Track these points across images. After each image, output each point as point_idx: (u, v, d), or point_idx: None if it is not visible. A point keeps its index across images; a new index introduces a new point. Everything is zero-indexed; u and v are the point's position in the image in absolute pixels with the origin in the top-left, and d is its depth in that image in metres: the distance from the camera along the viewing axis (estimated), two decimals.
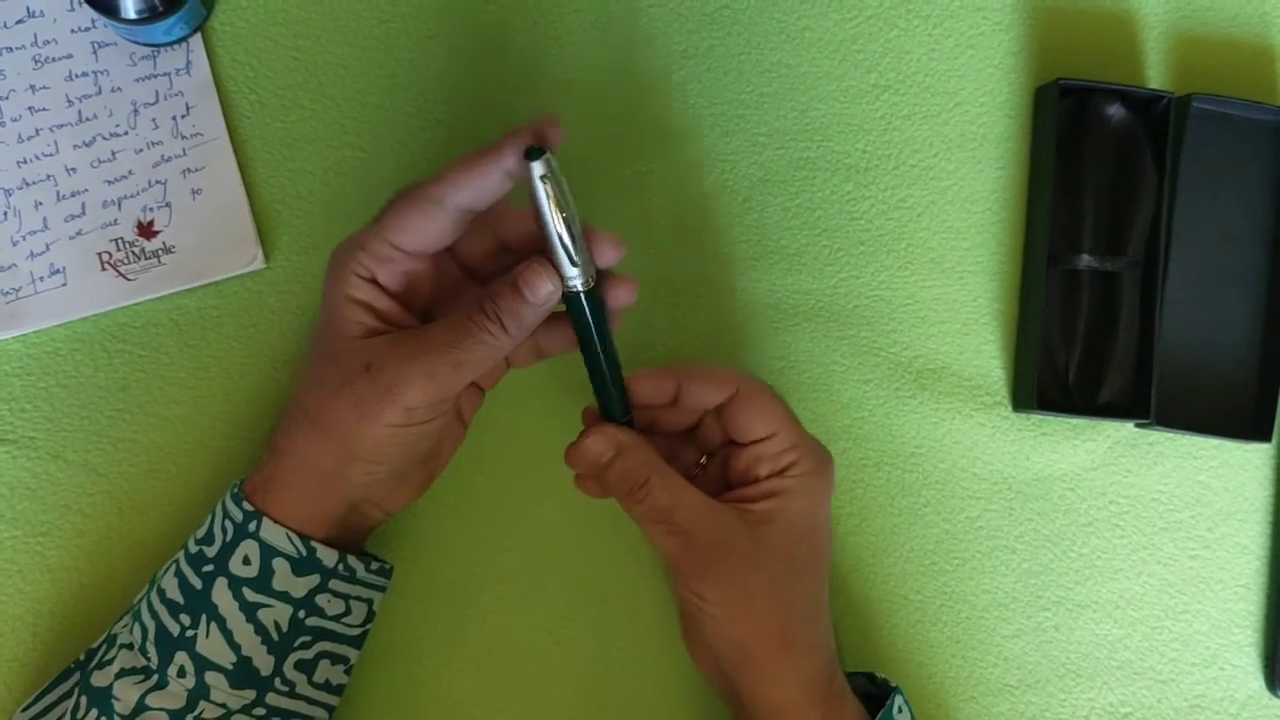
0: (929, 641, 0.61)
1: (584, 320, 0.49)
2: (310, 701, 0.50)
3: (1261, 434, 0.62)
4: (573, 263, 0.47)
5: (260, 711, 0.48)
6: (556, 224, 0.46)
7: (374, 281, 0.48)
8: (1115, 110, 0.61)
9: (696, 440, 0.54)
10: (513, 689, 0.58)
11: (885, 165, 0.62)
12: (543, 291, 0.47)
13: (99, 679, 0.48)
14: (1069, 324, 0.61)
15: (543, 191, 0.45)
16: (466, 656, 0.57)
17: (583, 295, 0.48)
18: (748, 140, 0.61)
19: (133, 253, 0.56)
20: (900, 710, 0.53)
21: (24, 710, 0.50)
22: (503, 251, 0.51)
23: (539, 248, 0.47)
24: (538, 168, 0.45)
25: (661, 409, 0.53)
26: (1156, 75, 0.64)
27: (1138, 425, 0.62)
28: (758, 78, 0.62)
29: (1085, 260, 0.61)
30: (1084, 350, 0.61)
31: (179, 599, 0.48)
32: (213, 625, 0.47)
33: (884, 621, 0.60)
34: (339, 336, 0.48)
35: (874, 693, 0.54)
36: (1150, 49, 0.64)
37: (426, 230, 0.47)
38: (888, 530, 0.61)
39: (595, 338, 0.49)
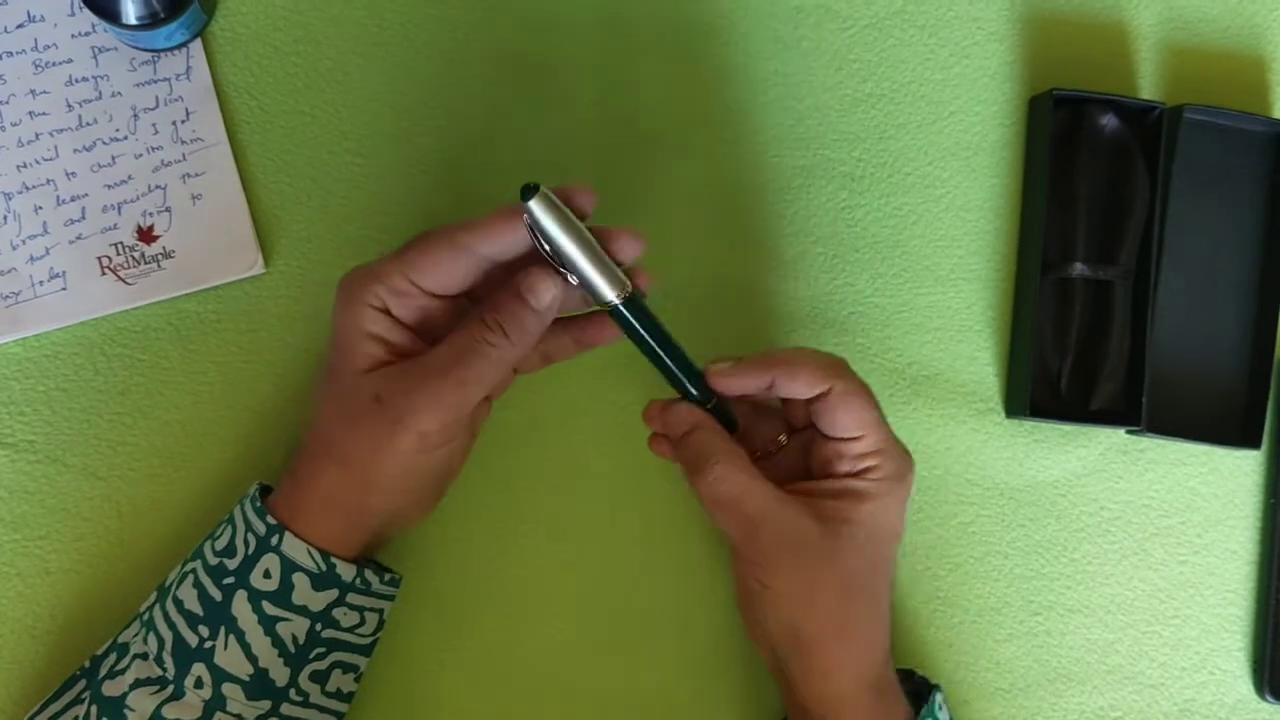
0: (922, 645, 0.61)
1: (634, 328, 0.49)
2: (322, 710, 0.50)
3: (1251, 441, 0.62)
4: (605, 280, 0.47)
5: None
6: (574, 249, 0.46)
7: (387, 313, 0.47)
8: (1108, 120, 0.62)
9: (781, 414, 0.54)
10: (513, 696, 0.58)
11: (880, 173, 0.63)
12: (546, 296, 0.47)
13: (111, 689, 0.48)
14: (1062, 331, 0.62)
15: (552, 225, 0.46)
16: (468, 663, 0.58)
17: (622, 307, 0.48)
18: (744, 148, 0.62)
19: (132, 257, 0.57)
20: (940, 707, 0.53)
21: (30, 718, 0.50)
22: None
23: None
24: (536, 205, 0.45)
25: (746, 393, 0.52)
26: (1149, 86, 0.65)
27: (1129, 432, 0.62)
28: (753, 86, 0.62)
29: (1078, 268, 0.61)
30: (1076, 357, 0.62)
31: (198, 610, 0.48)
32: (231, 638, 0.47)
33: None
34: (348, 370, 0.48)
35: (911, 690, 0.54)
36: (1143, 60, 0.65)
37: (452, 273, 0.47)
38: None
39: (654, 342, 0.49)
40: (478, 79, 0.60)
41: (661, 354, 0.50)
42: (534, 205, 0.45)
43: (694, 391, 0.51)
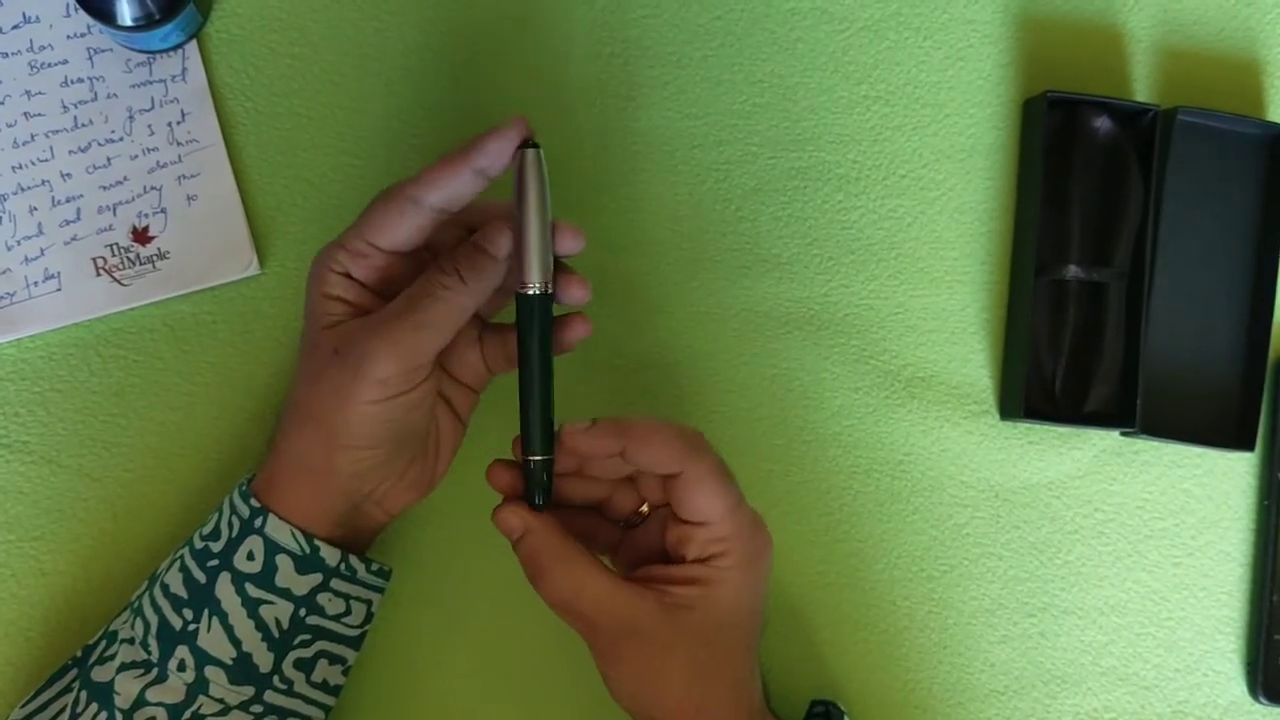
0: (916, 647, 0.61)
1: (531, 326, 0.48)
2: (307, 700, 0.50)
3: (1245, 443, 0.62)
4: (537, 263, 0.48)
5: (258, 709, 0.48)
6: (534, 216, 0.47)
7: (348, 276, 0.49)
8: (1102, 123, 0.62)
9: (639, 486, 0.52)
10: (507, 694, 0.58)
11: (875, 175, 0.63)
12: (503, 244, 0.48)
13: (100, 674, 0.48)
14: (1056, 333, 0.62)
15: (532, 182, 0.47)
16: (460, 661, 0.58)
17: (534, 296, 0.48)
18: (739, 150, 0.62)
19: (128, 258, 0.57)
20: None
21: (22, 707, 0.50)
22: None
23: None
24: (531, 155, 0.47)
25: (597, 462, 0.50)
26: (1143, 88, 0.65)
27: (1123, 434, 0.63)
28: (750, 88, 0.62)
29: (1072, 271, 0.62)
30: (1070, 359, 0.62)
31: (182, 593, 0.48)
32: (214, 620, 0.47)
33: (872, 627, 0.61)
34: (314, 330, 0.49)
35: None
36: (1137, 62, 0.65)
37: (401, 227, 0.48)
38: (875, 537, 0.61)
39: (535, 349, 0.48)
40: (473, 81, 0.60)
41: (535, 371, 0.48)
42: (529, 153, 0.47)
43: (538, 430, 0.49)
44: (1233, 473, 0.64)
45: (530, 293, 0.48)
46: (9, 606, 0.55)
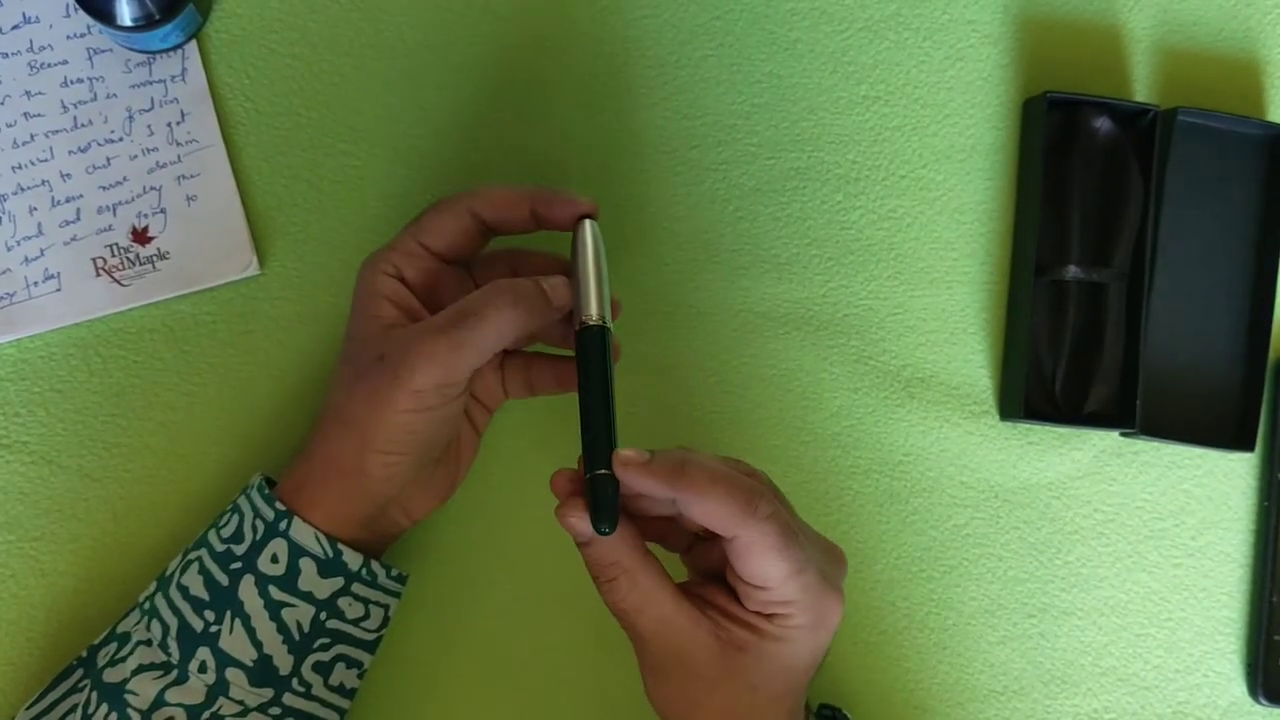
0: (916, 648, 0.61)
1: (591, 358, 0.48)
2: (324, 704, 0.50)
3: (1245, 443, 0.62)
4: (595, 300, 0.49)
5: (276, 711, 0.48)
6: (593, 267, 0.50)
7: (399, 278, 0.50)
8: (1102, 123, 0.62)
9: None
10: (513, 698, 0.58)
11: (875, 176, 0.63)
12: (562, 295, 0.49)
13: (112, 675, 0.48)
14: (1056, 334, 0.62)
15: (590, 244, 0.50)
16: (468, 665, 0.58)
17: (603, 331, 0.49)
18: (739, 150, 0.62)
19: (127, 259, 0.57)
20: None
21: (27, 709, 0.50)
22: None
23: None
24: (589, 225, 0.50)
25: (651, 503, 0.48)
26: (1143, 89, 0.65)
27: (1123, 434, 0.63)
28: (749, 89, 0.62)
29: (1072, 271, 0.61)
30: (1070, 360, 0.62)
31: (204, 595, 0.48)
32: (237, 621, 0.48)
33: (871, 628, 0.61)
34: (361, 333, 0.50)
35: None
36: (1137, 63, 0.65)
37: (456, 234, 0.51)
38: (875, 537, 0.61)
39: (599, 380, 0.48)
40: (473, 81, 0.60)
41: (599, 396, 0.48)
42: (588, 224, 0.50)
43: (602, 454, 0.46)
44: (1233, 473, 0.64)
45: (592, 324, 0.49)
46: (9, 607, 0.55)
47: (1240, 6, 0.65)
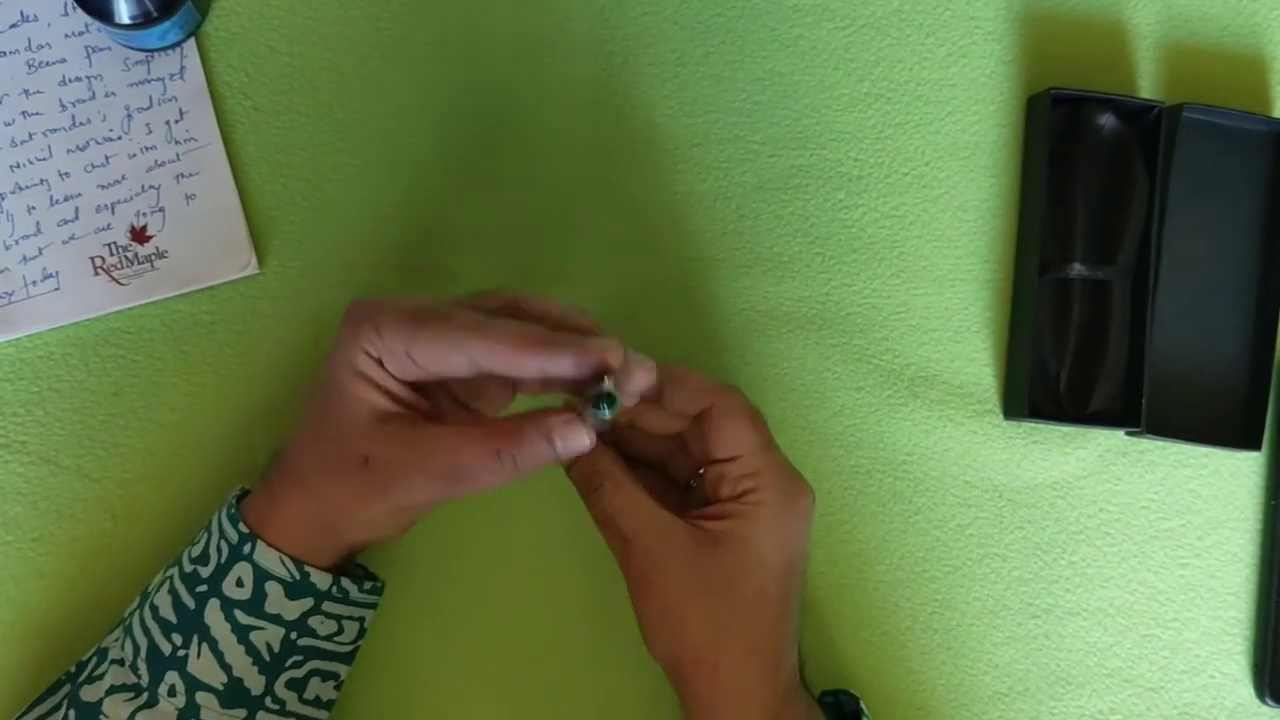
0: (919, 648, 0.61)
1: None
2: (300, 718, 0.49)
3: (1251, 442, 0.62)
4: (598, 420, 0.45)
5: None
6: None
7: (381, 365, 0.45)
8: (1106, 120, 0.62)
9: (689, 454, 0.52)
10: (504, 701, 0.58)
11: (877, 173, 0.62)
12: (574, 446, 0.45)
13: (88, 694, 0.48)
14: (1060, 332, 0.62)
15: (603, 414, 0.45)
16: (457, 668, 0.57)
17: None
18: (741, 148, 0.61)
19: (126, 257, 0.56)
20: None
21: None
22: None
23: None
24: (605, 414, 0.44)
25: (644, 408, 0.50)
26: (1148, 85, 0.64)
27: (1128, 433, 0.62)
28: (751, 86, 0.62)
29: (1076, 269, 0.61)
30: (1075, 358, 0.62)
31: (171, 618, 0.47)
32: (204, 646, 0.47)
33: (875, 628, 0.61)
34: (341, 415, 0.46)
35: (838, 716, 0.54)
36: (1142, 59, 0.64)
37: (448, 365, 0.45)
38: (879, 537, 0.61)
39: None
40: (473, 79, 0.60)
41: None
42: (606, 416, 0.44)
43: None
44: (1239, 473, 0.63)
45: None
46: (7, 608, 0.55)
47: (1246, 2, 0.65)
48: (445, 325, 0.44)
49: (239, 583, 0.47)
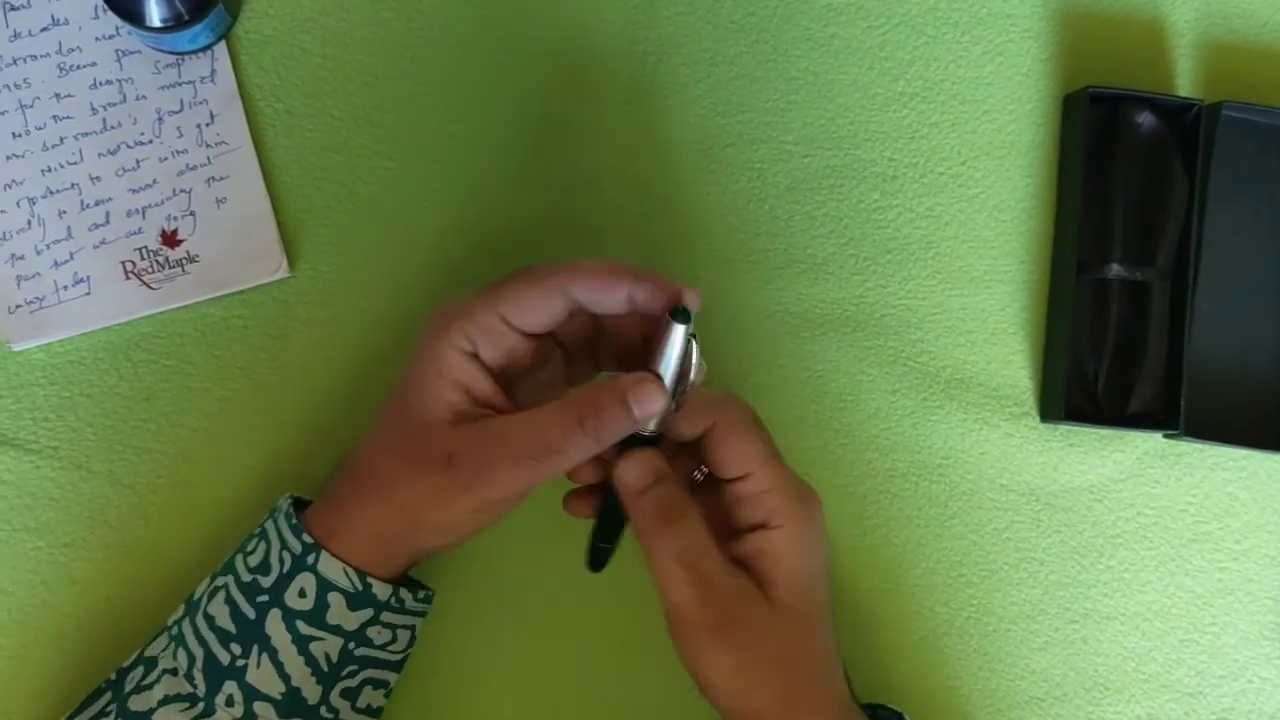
0: (955, 654, 0.60)
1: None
2: None
3: None
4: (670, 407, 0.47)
5: None
6: (677, 375, 0.47)
7: (475, 356, 0.47)
8: (1145, 118, 0.61)
9: (693, 450, 0.51)
10: (549, 709, 0.57)
11: (913, 173, 0.62)
12: (652, 409, 0.46)
13: (137, 704, 0.47)
14: (1098, 334, 0.61)
15: (680, 347, 0.46)
16: (503, 676, 0.57)
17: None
18: (774, 148, 0.61)
19: (157, 262, 0.56)
20: None
21: None
22: (598, 332, 0.51)
23: (643, 359, 0.47)
24: (681, 329, 0.46)
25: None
26: (1186, 83, 0.63)
27: (1166, 436, 0.61)
28: (784, 85, 0.61)
29: (1114, 270, 0.60)
30: (1112, 360, 0.61)
31: (230, 628, 0.47)
32: (264, 656, 0.47)
33: (910, 634, 0.60)
34: (424, 416, 0.46)
35: None
36: (1180, 56, 0.63)
37: (545, 312, 0.47)
38: (914, 541, 0.61)
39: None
40: (507, 80, 0.59)
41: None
42: (680, 330, 0.46)
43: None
44: (1279, 475, 0.63)
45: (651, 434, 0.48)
46: (41, 614, 0.55)
47: None
48: (531, 273, 0.47)
49: (301, 593, 0.47)
